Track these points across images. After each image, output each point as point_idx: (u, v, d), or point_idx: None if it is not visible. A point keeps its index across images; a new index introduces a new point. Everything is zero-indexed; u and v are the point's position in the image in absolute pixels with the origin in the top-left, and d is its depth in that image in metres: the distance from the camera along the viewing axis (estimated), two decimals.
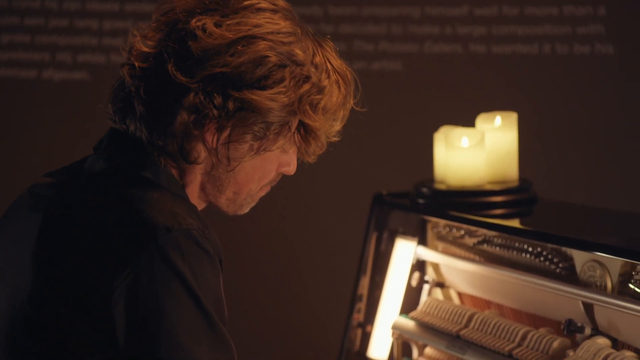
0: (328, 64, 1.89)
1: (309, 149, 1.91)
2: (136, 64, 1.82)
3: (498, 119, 2.68)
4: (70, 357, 1.71)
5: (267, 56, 1.81)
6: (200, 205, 1.92)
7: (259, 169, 1.89)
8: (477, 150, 2.63)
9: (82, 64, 3.97)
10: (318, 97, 1.87)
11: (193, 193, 1.89)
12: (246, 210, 1.95)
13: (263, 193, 1.95)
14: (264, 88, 1.81)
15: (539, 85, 4.00)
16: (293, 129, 1.87)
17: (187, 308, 1.70)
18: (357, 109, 1.95)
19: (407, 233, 2.76)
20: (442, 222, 2.66)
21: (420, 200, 2.69)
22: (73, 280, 1.72)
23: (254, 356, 3.44)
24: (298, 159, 1.96)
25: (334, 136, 1.93)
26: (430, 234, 2.72)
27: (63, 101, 3.98)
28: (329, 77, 1.88)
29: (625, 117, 4.06)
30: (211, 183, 1.88)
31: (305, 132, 1.88)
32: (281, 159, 1.92)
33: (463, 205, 2.61)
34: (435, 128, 2.70)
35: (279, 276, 3.89)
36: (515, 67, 3.97)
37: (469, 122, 2.71)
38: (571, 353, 2.20)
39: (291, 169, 1.93)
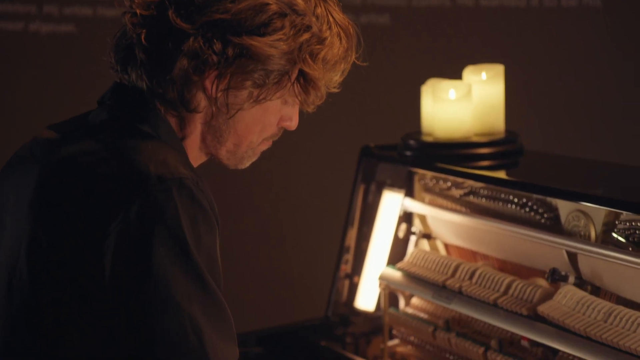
0: (330, 17, 1.89)
1: (309, 99, 1.91)
2: (138, 11, 1.82)
3: (485, 71, 2.69)
4: (65, 306, 1.73)
5: (268, 4, 1.82)
6: (201, 157, 1.93)
7: (260, 121, 1.90)
8: (464, 102, 2.64)
9: (70, 17, 3.96)
10: (318, 47, 1.87)
11: (194, 145, 1.90)
12: (247, 164, 1.95)
13: (264, 147, 1.95)
14: (263, 35, 1.82)
15: (526, 38, 4.01)
16: (293, 78, 1.87)
17: (178, 263, 1.70)
18: (359, 63, 1.96)
19: (395, 185, 2.78)
20: (429, 174, 2.68)
21: (408, 153, 2.70)
22: (67, 230, 1.73)
23: (243, 308, 3.47)
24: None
25: (335, 87, 1.94)
26: (417, 186, 2.74)
27: (50, 54, 3.97)
28: (330, 28, 1.89)
29: (612, 69, 4.07)
30: (211, 134, 1.89)
31: (305, 81, 1.88)
32: (283, 113, 1.92)
33: (450, 157, 2.63)
34: (423, 81, 2.71)
35: (267, 229, 3.91)
36: (503, 20, 3.97)
37: (456, 75, 2.72)
38: (554, 299, 2.23)
39: (293, 123, 1.94)
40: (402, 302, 2.71)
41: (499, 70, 2.70)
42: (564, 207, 2.32)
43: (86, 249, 1.71)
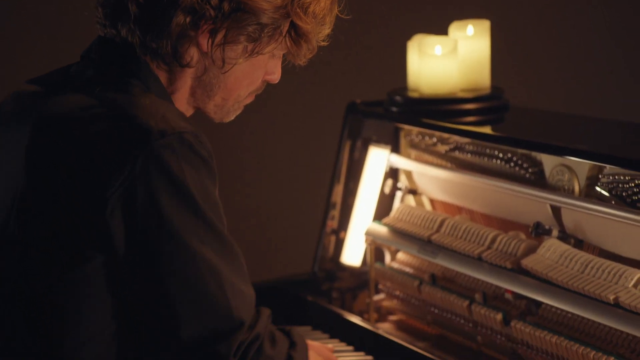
0: None
1: (300, 51, 1.94)
2: None
3: (471, 27, 2.69)
4: (61, 266, 1.73)
5: None
6: (188, 111, 1.94)
7: (248, 75, 1.92)
8: (450, 58, 2.64)
9: None
10: (308, 1, 1.90)
11: (182, 99, 1.91)
12: (232, 117, 1.98)
13: (249, 101, 1.98)
14: None
15: None
16: (284, 32, 1.90)
17: (187, 212, 1.72)
18: (342, 16, 1.98)
19: (381, 141, 2.79)
20: (415, 129, 2.69)
21: (394, 109, 2.71)
22: (66, 190, 1.73)
23: None
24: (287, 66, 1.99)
25: (324, 40, 1.97)
26: (403, 142, 2.75)
27: (25, 8, 3.91)
28: None
29: (598, 23, 4.07)
30: (201, 88, 1.90)
31: (297, 35, 1.91)
32: (268, 67, 1.95)
33: (436, 112, 2.64)
34: (409, 36, 2.71)
35: (253, 186, 3.91)
36: None
37: (442, 31, 2.72)
38: (538, 253, 2.25)
39: (276, 77, 1.97)
40: (388, 257, 2.73)
41: (484, 26, 2.70)
42: (548, 162, 2.34)
43: (86, 209, 1.71)
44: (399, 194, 2.75)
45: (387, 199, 2.77)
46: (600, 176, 2.22)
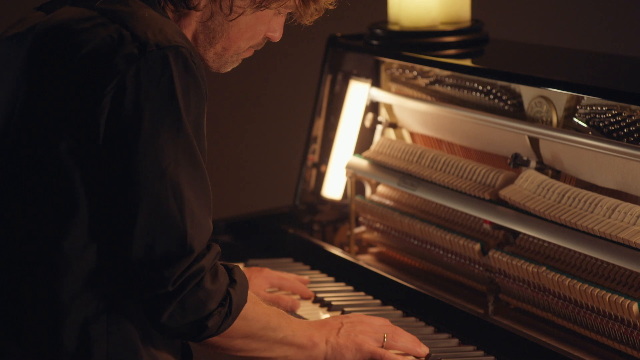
0: None
1: (307, 11, 1.95)
2: None
3: None
4: (56, 170, 1.75)
5: None
6: None
7: (251, 28, 1.93)
8: None
9: None
10: None
11: None
12: (229, 69, 1.98)
13: (247, 55, 1.98)
14: None
15: None
16: None
17: (170, 129, 1.73)
18: None
19: (361, 75, 2.79)
20: (396, 63, 2.70)
21: (374, 42, 2.71)
22: (64, 92, 1.75)
23: (212, 197, 3.48)
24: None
25: (330, 4, 1.98)
26: (383, 76, 2.76)
27: None
28: None
29: None
30: (204, 34, 1.91)
31: None
32: (271, 24, 1.96)
33: (416, 45, 2.65)
34: None
35: (235, 119, 3.91)
36: None
37: None
38: (516, 184, 2.27)
39: (277, 35, 1.98)
40: (368, 190, 2.75)
41: None
42: (527, 94, 2.35)
43: (82, 111, 1.73)
44: (379, 127, 2.76)
45: (367, 133, 2.78)
46: (578, 107, 2.23)
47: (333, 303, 2.38)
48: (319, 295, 2.42)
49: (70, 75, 1.75)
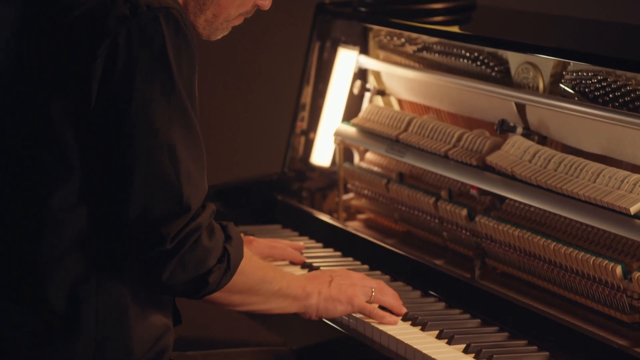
0: None
1: None
2: None
3: None
4: (49, 130, 1.77)
5: None
6: None
7: None
8: None
9: None
10: None
11: None
12: (219, 36, 1.98)
13: (237, 23, 1.99)
14: None
15: None
16: None
17: (162, 89, 1.75)
18: None
19: (349, 42, 2.80)
20: (384, 30, 2.70)
21: (362, 9, 2.72)
22: (56, 54, 1.76)
23: None
24: None
25: None
26: (371, 43, 2.77)
27: None
28: None
29: None
30: (195, 0, 1.91)
31: None
32: None
33: (404, 12, 2.65)
34: None
35: (224, 86, 3.91)
36: None
37: None
38: (503, 149, 2.29)
39: (267, 3, 1.98)
40: (356, 157, 2.77)
41: None
42: (514, 60, 2.36)
43: (74, 72, 1.75)
44: (367, 94, 2.77)
45: (355, 100, 2.79)
46: (564, 73, 2.25)
47: (322, 268, 2.39)
48: (308, 260, 2.44)
49: (63, 37, 1.76)
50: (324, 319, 2.11)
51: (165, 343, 1.87)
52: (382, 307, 2.12)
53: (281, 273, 2.01)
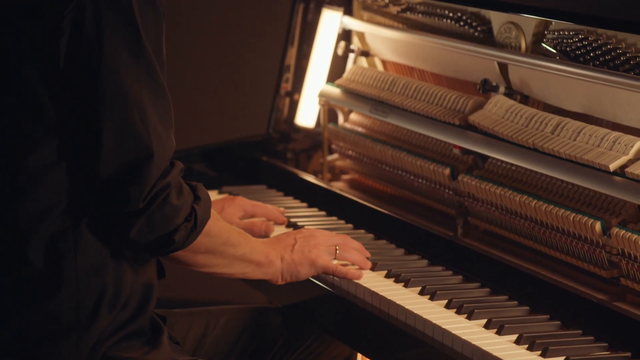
0: None
1: None
2: None
3: None
4: (24, 91, 1.78)
5: None
6: None
7: None
8: None
9: None
10: None
11: None
12: None
13: None
14: None
15: None
16: None
17: (129, 47, 1.76)
18: None
19: (333, 3, 2.81)
20: None
21: None
22: (22, 18, 1.77)
23: (186, 126, 3.50)
24: None
25: None
26: (355, 4, 2.78)
27: None
28: None
29: None
30: None
31: None
32: None
33: None
34: None
35: (209, 48, 3.92)
36: None
37: None
38: (485, 109, 2.31)
39: None
40: (341, 118, 2.78)
41: None
42: (497, 20, 2.37)
43: (42, 34, 1.75)
44: (351, 55, 2.79)
45: (339, 61, 2.81)
46: (546, 32, 2.26)
47: (306, 227, 2.41)
48: (293, 220, 2.46)
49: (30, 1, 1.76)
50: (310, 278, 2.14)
51: (148, 296, 1.89)
52: None
53: (246, 238, 2.03)
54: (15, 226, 1.80)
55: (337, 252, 2.14)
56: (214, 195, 2.60)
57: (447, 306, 1.99)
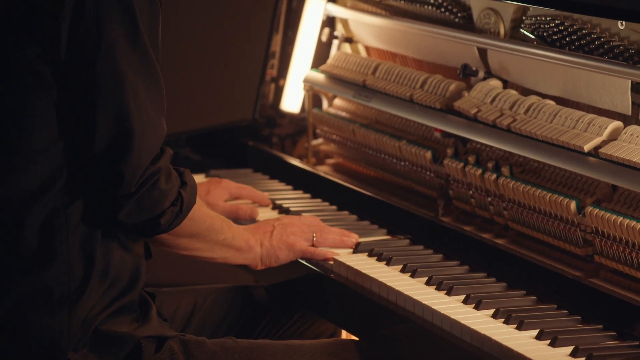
0: None
1: None
2: None
3: None
4: (27, 72, 1.83)
5: None
6: None
7: None
8: None
9: None
10: None
11: None
12: None
13: None
14: None
15: None
16: None
17: (127, 36, 1.82)
18: None
19: None
20: None
21: None
22: (23, 3, 1.82)
23: (173, 110, 3.53)
24: None
25: None
26: None
27: None
28: None
29: None
30: None
31: None
32: None
33: None
34: None
35: (194, 33, 3.95)
36: None
37: None
38: (466, 94, 2.37)
39: None
40: (325, 103, 2.84)
41: None
42: (476, 6, 2.43)
43: (43, 20, 1.81)
44: (335, 42, 2.84)
45: (324, 47, 2.86)
46: (524, 18, 2.32)
47: (292, 209, 2.47)
48: (278, 202, 2.52)
49: None
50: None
51: (137, 274, 1.95)
52: None
53: (228, 224, 2.12)
54: (11, 203, 1.85)
55: (315, 237, 2.21)
56: (200, 178, 2.67)
57: (428, 283, 2.05)
